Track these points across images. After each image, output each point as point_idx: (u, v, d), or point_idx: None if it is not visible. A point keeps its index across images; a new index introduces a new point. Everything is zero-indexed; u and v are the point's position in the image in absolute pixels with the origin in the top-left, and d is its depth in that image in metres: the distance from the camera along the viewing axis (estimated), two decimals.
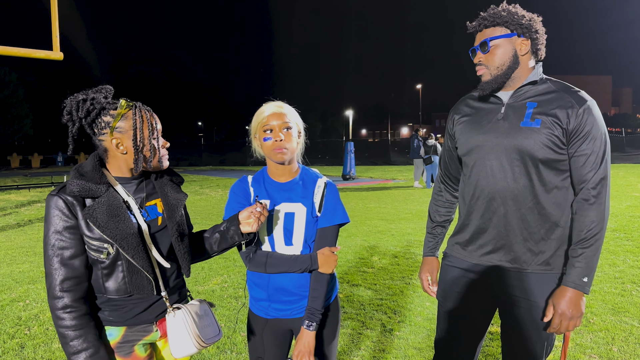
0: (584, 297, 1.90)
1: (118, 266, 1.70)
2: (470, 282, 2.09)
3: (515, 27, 1.94)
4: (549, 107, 1.92)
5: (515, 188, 1.94)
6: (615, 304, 4.64)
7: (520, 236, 1.96)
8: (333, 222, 2.04)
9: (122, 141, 1.71)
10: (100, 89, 1.74)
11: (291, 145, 1.99)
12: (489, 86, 2.00)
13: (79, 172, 1.70)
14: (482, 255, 2.05)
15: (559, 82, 2.01)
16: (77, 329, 1.64)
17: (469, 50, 2.08)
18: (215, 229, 1.99)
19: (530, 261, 1.97)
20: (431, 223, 2.37)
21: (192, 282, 5.63)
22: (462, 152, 2.11)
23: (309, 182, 2.08)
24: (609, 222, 8.92)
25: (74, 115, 1.68)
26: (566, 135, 1.89)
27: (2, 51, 5.21)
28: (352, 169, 21.83)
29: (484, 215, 2.02)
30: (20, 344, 4.01)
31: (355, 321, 4.37)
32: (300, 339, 1.96)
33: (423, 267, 2.35)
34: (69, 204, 1.65)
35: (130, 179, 1.80)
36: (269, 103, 2.04)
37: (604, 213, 1.89)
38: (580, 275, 1.88)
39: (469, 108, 2.15)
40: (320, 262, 1.98)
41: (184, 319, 1.77)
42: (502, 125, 1.98)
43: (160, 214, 1.83)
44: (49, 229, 1.66)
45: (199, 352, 1.86)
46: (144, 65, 75.32)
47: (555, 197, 1.94)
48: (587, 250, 1.88)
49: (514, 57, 1.97)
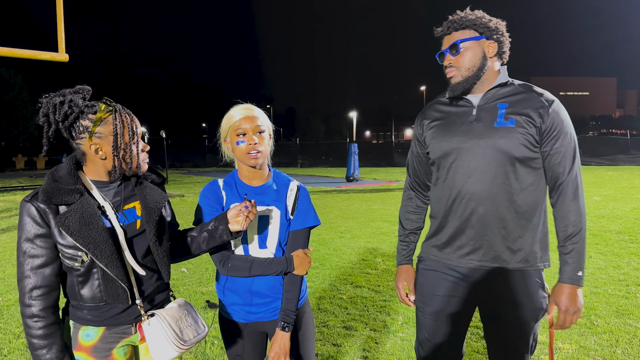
0: (580, 290, 1.96)
1: (93, 274, 1.66)
2: (450, 284, 2.10)
3: (483, 29, 2.00)
4: (521, 107, 1.96)
5: (493, 187, 1.96)
6: (619, 306, 4.63)
7: (499, 235, 1.98)
8: (305, 224, 2.07)
9: (101, 146, 1.65)
10: (78, 89, 1.67)
11: (264, 149, 1.99)
12: (460, 87, 2.03)
13: (53, 177, 1.64)
14: (462, 257, 2.06)
15: (524, 83, 2.06)
16: (42, 338, 1.62)
17: (436, 55, 2.12)
18: (203, 228, 1.95)
19: (510, 259, 2.00)
20: (403, 230, 2.36)
21: (197, 283, 5.65)
22: (435, 156, 2.12)
23: (281, 185, 2.09)
24: (612, 224, 8.92)
25: (50, 118, 1.61)
26: (540, 134, 1.94)
27: (7, 53, 5.24)
28: (356, 171, 21.83)
29: (462, 216, 2.03)
30: (25, 344, 4.02)
31: (359, 322, 4.38)
32: (276, 340, 1.97)
33: (399, 275, 2.33)
34: (41, 211, 1.60)
35: (108, 183, 1.74)
36: (239, 106, 2.03)
37: (583, 207, 1.96)
38: (574, 270, 1.94)
39: (438, 113, 2.16)
40: (296, 265, 2.00)
41: (160, 325, 1.72)
42: (476, 126, 2.00)
43: (139, 216, 1.77)
44: (20, 235, 1.61)
45: (183, 353, 1.85)
46: (148, 67, 75.58)
47: (530, 195, 1.98)
48: (576, 246, 1.94)
49: (483, 59, 2.01)
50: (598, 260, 6.40)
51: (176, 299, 1.92)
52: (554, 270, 5.91)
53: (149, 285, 1.80)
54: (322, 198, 15.09)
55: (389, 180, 22.18)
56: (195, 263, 6.47)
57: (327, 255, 7.04)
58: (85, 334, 1.72)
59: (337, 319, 4.48)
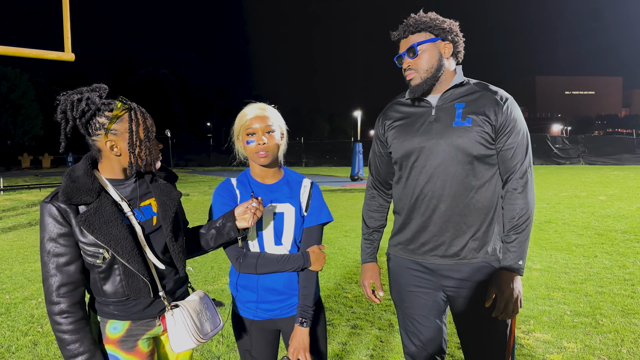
0: (519, 279, 2.02)
1: (115, 270, 1.70)
2: (420, 280, 2.17)
3: (438, 31, 2.06)
4: (477, 106, 2.03)
5: (453, 185, 2.03)
6: (624, 305, 4.62)
7: (459, 230, 2.05)
8: (319, 221, 2.09)
9: (116, 143, 1.70)
10: (95, 87, 1.71)
11: (274, 148, 2.01)
12: (419, 89, 2.07)
13: (70, 178, 1.68)
14: (425, 253, 2.13)
15: (479, 82, 2.13)
16: (73, 333, 1.66)
17: (394, 58, 2.17)
18: (211, 225, 1.99)
19: (471, 254, 2.06)
20: (367, 229, 2.42)
21: (202, 282, 5.68)
22: (397, 155, 2.17)
23: (294, 183, 2.12)
24: (618, 223, 8.89)
25: (68, 115, 1.65)
26: (495, 131, 2.01)
27: (14, 52, 5.27)
28: (361, 170, 21.83)
29: (425, 213, 2.09)
30: (33, 341, 4.06)
31: (364, 321, 4.39)
32: (295, 336, 1.99)
33: (365, 273, 2.39)
34: (62, 211, 1.64)
35: (123, 180, 1.79)
36: (251, 105, 2.05)
37: (531, 200, 2.03)
38: (515, 259, 2.00)
39: (398, 113, 2.22)
40: (312, 260, 2.02)
41: (182, 317, 1.78)
42: (436, 126, 2.06)
43: (155, 213, 1.82)
44: (43, 236, 1.66)
45: (199, 345, 1.89)
46: (153, 66, 75.78)
47: (487, 190, 2.05)
48: (520, 236, 2.00)
49: (440, 59, 2.07)
50: (603, 259, 6.39)
51: (195, 291, 1.97)
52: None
53: (170, 280, 1.85)
54: (326, 197, 15.05)
55: None
56: (200, 262, 6.50)
57: (332, 254, 7.06)
58: (113, 327, 1.77)
59: (342, 317, 4.50)
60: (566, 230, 8.44)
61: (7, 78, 46.71)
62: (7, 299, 5.27)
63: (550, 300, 4.84)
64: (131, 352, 1.78)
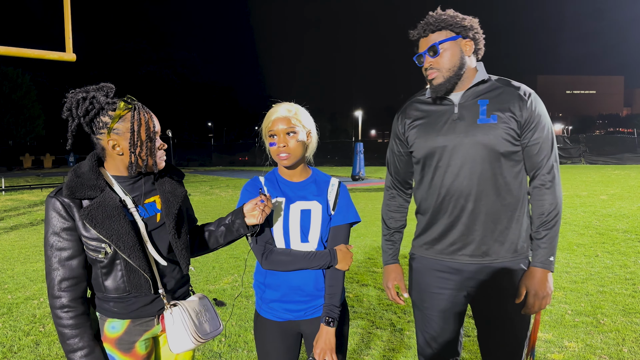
0: (551, 275, 2.01)
1: (116, 265, 1.71)
2: (444, 282, 2.13)
3: (459, 29, 2.02)
4: (501, 102, 2.00)
5: (480, 184, 2.00)
6: (626, 305, 4.62)
7: (487, 229, 2.03)
8: (347, 220, 2.06)
9: (118, 142, 1.71)
10: (101, 86, 1.73)
11: (296, 150, 1.99)
12: (442, 88, 2.04)
13: (75, 173, 1.71)
14: (453, 253, 2.09)
15: (501, 78, 2.10)
16: (73, 328, 1.67)
17: (413, 57, 2.13)
18: (221, 222, 2.00)
19: (499, 251, 2.04)
20: (387, 230, 2.38)
21: (203, 281, 5.69)
22: (420, 154, 2.13)
23: (321, 182, 2.10)
24: (619, 223, 8.87)
25: (73, 113, 1.68)
26: (520, 127, 1.99)
27: (16, 53, 5.29)
28: (362, 170, 21.83)
29: (452, 212, 2.06)
30: (35, 341, 4.07)
31: (365, 320, 4.40)
32: (321, 336, 1.95)
33: (388, 275, 2.33)
34: (65, 205, 1.67)
35: (128, 178, 1.80)
36: (277, 106, 2.03)
37: (559, 195, 2.02)
38: (546, 255, 2.00)
39: (419, 112, 2.18)
40: (339, 259, 1.98)
41: (181, 316, 1.78)
42: (460, 124, 2.03)
43: (159, 210, 1.83)
44: (47, 230, 1.68)
45: (198, 347, 1.89)
46: (155, 66, 75.83)
47: (514, 187, 2.03)
48: (550, 232, 2.00)
49: (462, 58, 2.04)
50: (605, 259, 6.39)
51: (196, 294, 1.97)
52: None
53: (171, 278, 1.85)
54: None
55: None
56: (201, 261, 6.51)
57: None
58: (111, 326, 1.77)
59: None
60: (567, 230, 8.44)
61: (9, 78, 46.82)
62: (9, 298, 5.29)
63: (551, 299, 4.83)
64: (128, 353, 1.78)
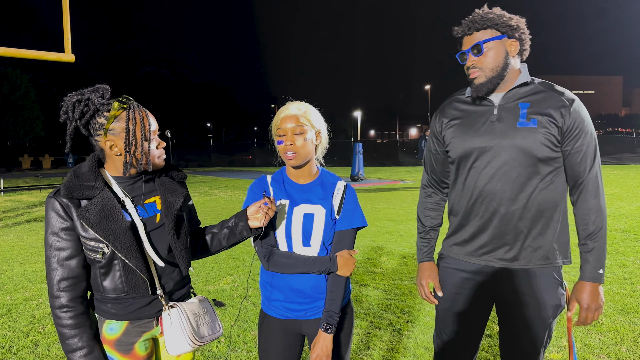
0: (601, 287, 1.98)
1: (114, 265, 1.71)
2: (472, 283, 2.11)
3: (505, 29, 1.97)
4: (542, 106, 1.95)
5: (515, 188, 1.96)
6: (624, 304, 4.63)
7: (520, 234, 1.99)
8: (352, 225, 2.04)
9: (115, 143, 1.71)
10: (97, 88, 1.73)
11: (304, 150, 1.97)
12: (484, 88, 2.01)
13: (75, 174, 1.72)
14: (483, 255, 2.07)
15: (544, 81, 2.04)
16: (73, 328, 1.68)
17: (456, 55, 2.09)
18: (224, 225, 1.99)
19: (530, 257, 2.00)
20: (423, 227, 2.36)
21: (202, 282, 5.69)
22: (456, 154, 2.11)
23: (328, 184, 2.08)
24: (618, 223, 8.85)
25: (69, 116, 1.69)
26: (561, 134, 1.94)
27: (14, 53, 5.29)
28: (361, 170, 21.82)
29: (484, 215, 2.03)
30: (34, 342, 4.07)
31: (364, 321, 4.40)
32: (318, 342, 1.94)
33: (422, 273, 2.30)
34: (64, 205, 1.67)
35: (128, 178, 1.80)
36: (288, 104, 2.01)
37: (603, 205, 1.97)
38: (596, 268, 1.95)
39: (457, 111, 2.14)
40: (340, 265, 1.97)
41: (178, 318, 1.77)
42: (498, 126, 1.99)
43: (159, 211, 1.83)
44: (47, 230, 1.70)
45: (196, 349, 1.87)
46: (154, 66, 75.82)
47: (550, 194, 1.98)
48: (597, 244, 1.95)
49: (506, 58, 1.99)
50: None
51: (196, 296, 1.96)
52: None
53: (170, 279, 1.84)
54: None
55: (394, 179, 22.17)
56: (201, 262, 6.47)
57: None
58: (109, 328, 1.77)
59: None
60: None
61: (8, 79, 46.71)
62: (8, 299, 5.28)
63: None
64: (127, 354, 1.78)
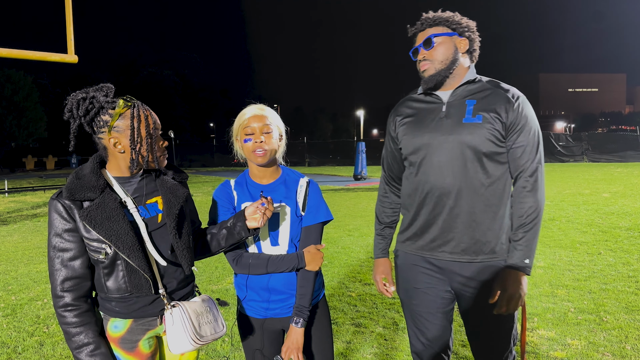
0: (525, 278, 2.01)
1: (117, 266, 1.72)
2: (428, 277, 2.17)
3: (456, 26, 2.09)
4: (488, 103, 2.03)
5: (462, 182, 2.03)
6: (628, 302, 4.62)
7: (468, 228, 2.05)
8: (317, 220, 2.08)
9: (119, 140, 1.73)
10: (101, 87, 1.75)
11: (271, 147, 2.02)
12: (433, 80, 2.08)
13: (77, 175, 1.73)
14: (433, 250, 2.13)
15: (491, 80, 2.13)
16: (77, 325, 1.69)
17: (409, 52, 2.19)
18: (222, 225, 2.00)
19: (479, 251, 2.06)
20: (379, 225, 2.44)
21: (206, 281, 5.70)
22: (407, 151, 2.17)
23: (291, 182, 2.12)
24: (622, 220, 8.85)
25: (74, 113, 1.70)
26: (505, 129, 2.02)
27: (18, 55, 5.31)
28: (364, 169, 21.84)
29: (434, 210, 2.09)
30: (39, 342, 4.09)
31: (367, 319, 4.41)
32: (289, 335, 2.00)
33: (377, 268, 2.41)
34: (66, 207, 1.69)
35: (130, 178, 1.81)
36: (250, 106, 2.07)
37: (541, 199, 2.03)
38: (522, 257, 2.00)
39: (409, 109, 2.22)
40: (307, 260, 2.01)
41: (180, 317, 1.78)
42: (446, 122, 2.07)
43: (161, 211, 1.84)
44: (50, 231, 1.71)
45: (200, 348, 1.88)
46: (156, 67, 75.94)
47: (497, 188, 2.05)
48: (527, 234, 2.01)
49: (455, 53, 2.09)
50: (607, 256, 6.39)
51: (201, 295, 1.98)
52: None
53: (173, 279, 1.85)
54: (330, 197, 15.11)
55: None
56: (205, 262, 6.50)
57: (335, 254, 7.07)
58: (114, 326, 1.78)
59: (346, 316, 4.51)
60: (570, 228, 8.43)
61: (11, 80, 46.85)
62: (12, 300, 5.31)
63: (554, 297, 4.84)
64: (131, 352, 1.79)
